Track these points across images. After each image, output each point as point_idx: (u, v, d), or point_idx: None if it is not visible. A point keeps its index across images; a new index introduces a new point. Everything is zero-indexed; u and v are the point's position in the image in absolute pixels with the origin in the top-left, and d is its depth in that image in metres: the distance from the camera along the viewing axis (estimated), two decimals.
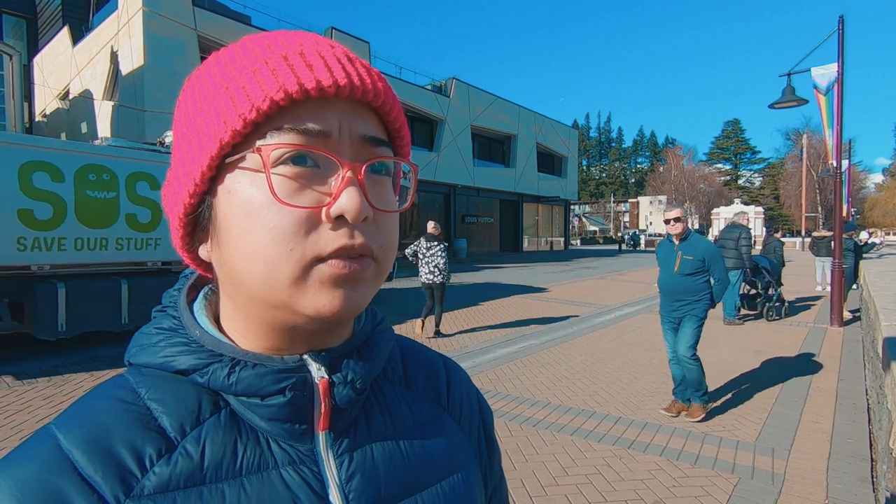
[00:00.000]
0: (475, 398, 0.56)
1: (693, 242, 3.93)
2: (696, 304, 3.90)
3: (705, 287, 3.91)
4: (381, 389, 0.48)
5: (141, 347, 0.42)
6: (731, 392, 4.54)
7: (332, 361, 0.42)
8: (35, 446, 0.36)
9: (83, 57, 16.90)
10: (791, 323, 7.91)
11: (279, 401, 0.39)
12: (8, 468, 0.34)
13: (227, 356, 0.40)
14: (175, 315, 0.43)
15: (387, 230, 0.40)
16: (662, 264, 4.08)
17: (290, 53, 0.37)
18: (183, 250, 0.43)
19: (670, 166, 68.58)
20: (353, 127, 0.38)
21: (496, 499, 0.56)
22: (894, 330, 3.07)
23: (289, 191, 0.36)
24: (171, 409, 0.38)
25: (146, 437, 0.37)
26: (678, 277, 3.92)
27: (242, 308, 0.40)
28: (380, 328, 0.48)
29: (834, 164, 8.11)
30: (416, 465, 0.45)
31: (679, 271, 3.91)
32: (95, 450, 0.35)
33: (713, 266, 3.87)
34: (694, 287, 3.89)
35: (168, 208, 0.42)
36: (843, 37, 7.39)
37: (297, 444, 0.41)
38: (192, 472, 0.37)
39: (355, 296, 0.38)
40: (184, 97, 0.41)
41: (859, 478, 2.98)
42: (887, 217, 46.51)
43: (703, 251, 3.87)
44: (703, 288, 3.90)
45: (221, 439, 0.39)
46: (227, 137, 0.35)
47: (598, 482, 2.93)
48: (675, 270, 3.93)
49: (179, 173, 0.39)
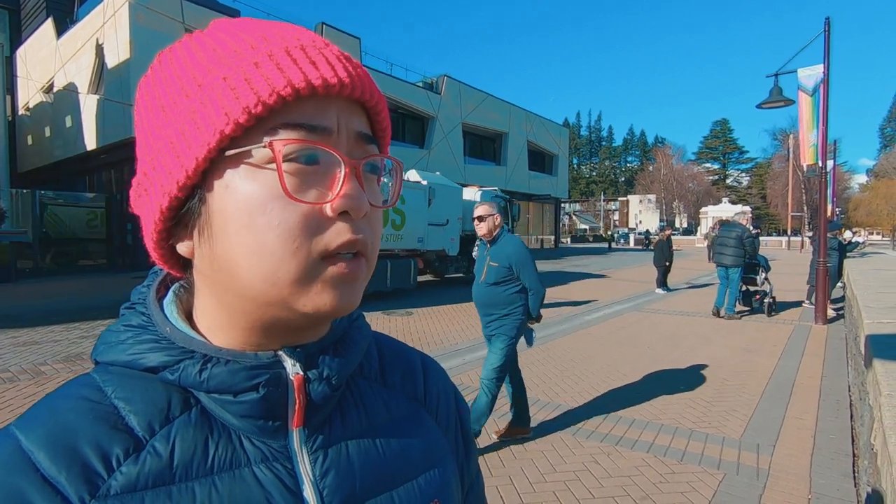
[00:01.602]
0: (452, 394, 0.56)
1: (501, 246, 3.30)
2: (504, 319, 3.28)
3: (517, 299, 3.28)
4: (357, 385, 0.47)
5: (108, 345, 0.41)
6: (717, 389, 4.59)
7: (307, 357, 0.41)
8: None
9: (68, 49, 16.61)
10: (776, 321, 8.02)
11: (252, 397, 0.38)
12: None
13: (199, 353, 0.39)
14: (144, 312, 0.42)
15: (375, 226, 0.41)
16: (477, 271, 3.46)
17: (291, 48, 0.36)
18: (156, 247, 0.41)
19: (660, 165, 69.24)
20: (350, 124, 0.38)
21: (473, 493, 0.56)
22: (876, 328, 3.12)
23: (295, 186, 0.35)
24: (139, 408, 0.37)
25: (113, 436, 0.36)
26: (484, 287, 3.33)
27: (228, 304, 0.39)
28: (356, 324, 0.48)
29: (816, 163, 8.23)
30: (392, 461, 0.45)
31: (485, 280, 3.31)
32: (59, 450, 0.34)
33: (522, 273, 3.25)
34: (502, 299, 3.28)
35: (144, 202, 0.40)
36: (828, 38, 7.48)
37: (270, 441, 0.40)
38: (161, 471, 0.36)
39: (352, 294, 0.39)
40: (159, 80, 0.38)
41: (842, 473, 3.02)
42: (870, 217, 47.30)
43: (510, 256, 3.24)
44: (512, 300, 3.28)
45: (192, 437, 0.38)
46: (229, 130, 0.34)
47: (585, 479, 2.94)
48: (482, 279, 3.34)
49: (163, 165, 0.37)
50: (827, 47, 7.48)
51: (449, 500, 0.47)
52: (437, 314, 8.37)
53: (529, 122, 29.79)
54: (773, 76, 8.13)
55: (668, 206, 68.61)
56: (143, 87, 0.40)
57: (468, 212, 11.57)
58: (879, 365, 2.25)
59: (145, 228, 0.40)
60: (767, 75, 8.24)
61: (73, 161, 16.92)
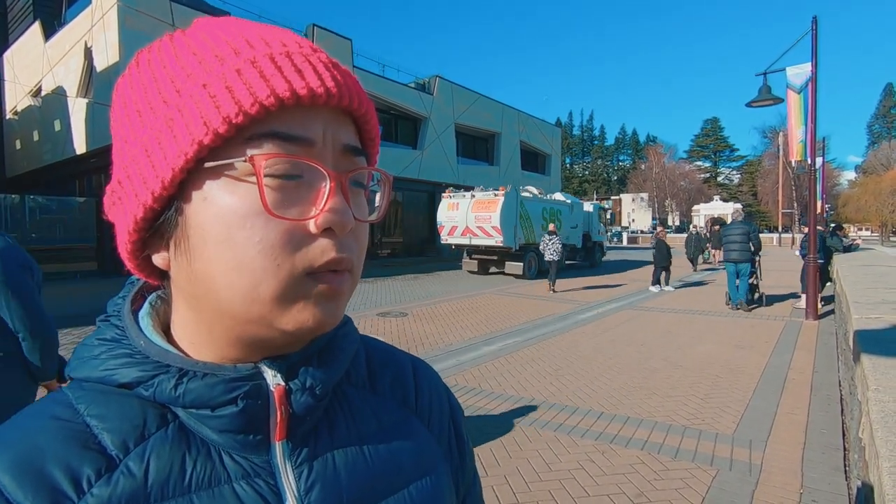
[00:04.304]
0: (445, 398, 0.55)
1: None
2: None
3: None
4: (345, 394, 0.46)
5: (81, 360, 0.40)
6: (710, 386, 4.62)
7: (289, 367, 0.40)
8: None
9: (56, 53, 16.44)
10: (768, 317, 8.09)
11: (231, 411, 0.37)
12: None
13: (175, 367, 0.37)
14: (119, 325, 0.41)
15: (361, 240, 0.39)
16: None
17: (276, 54, 0.35)
18: (130, 257, 0.39)
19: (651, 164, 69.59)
20: (337, 136, 0.37)
21: (471, 497, 0.54)
22: (864, 323, 3.16)
23: (276, 201, 0.34)
24: (112, 426, 0.36)
25: (84, 456, 0.34)
26: None
27: (207, 320, 0.38)
28: (343, 330, 0.46)
29: (805, 160, 8.33)
30: (381, 472, 0.43)
31: None
32: (25, 473, 0.33)
33: None
34: None
35: (119, 211, 0.38)
36: (816, 37, 7.57)
37: (251, 457, 0.39)
38: (134, 492, 0.34)
39: (335, 311, 0.37)
40: (136, 82, 0.37)
41: (833, 467, 3.06)
42: (859, 213, 47.81)
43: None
44: None
45: (168, 455, 0.36)
46: (208, 140, 0.33)
47: (580, 477, 2.96)
48: None
49: (138, 173, 0.35)
50: (814, 46, 7.56)
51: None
52: (431, 316, 8.37)
53: (522, 122, 29.83)
54: (762, 75, 8.22)
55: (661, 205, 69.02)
56: (120, 89, 0.38)
57: (586, 217, 17.88)
58: (867, 360, 2.28)
59: (119, 237, 0.39)
60: (756, 74, 8.33)
61: (63, 165, 16.74)
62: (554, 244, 11.40)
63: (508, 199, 13.54)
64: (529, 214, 14.34)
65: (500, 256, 14.30)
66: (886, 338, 2.69)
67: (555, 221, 14.26)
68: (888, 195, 42.57)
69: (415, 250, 23.29)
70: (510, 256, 14.07)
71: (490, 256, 14.62)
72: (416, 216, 23.95)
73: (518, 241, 13.76)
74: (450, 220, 14.67)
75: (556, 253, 11.34)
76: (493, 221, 13.42)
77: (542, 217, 14.76)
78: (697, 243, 17.45)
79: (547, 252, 11.45)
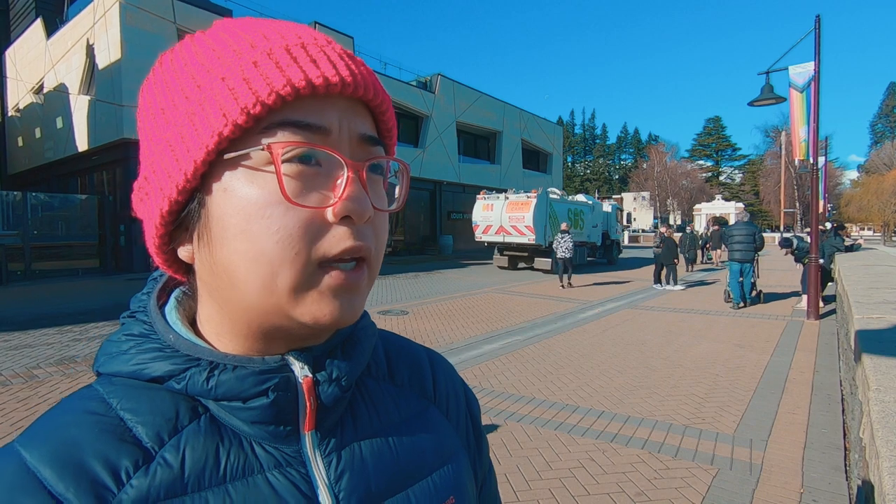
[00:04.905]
0: (461, 389, 0.56)
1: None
2: None
3: None
4: (366, 386, 0.47)
5: (110, 356, 0.40)
6: (710, 385, 4.62)
7: (315, 359, 0.41)
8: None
9: (58, 50, 16.45)
10: (769, 316, 8.08)
11: (262, 402, 0.38)
12: None
13: (205, 360, 0.38)
14: (146, 320, 0.42)
15: (381, 230, 0.40)
16: None
17: (291, 46, 0.35)
18: (158, 251, 0.40)
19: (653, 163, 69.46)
20: (353, 125, 0.37)
21: (486, 488, 0.56)
22: (866, 323, 3.15)
23: (295, 190, 0.35)
24: (146, 419, 0.37)
25: (121, 449, 0.35)
26: None
27: (229, 312, 0.38)
28: (362, 324, 0.47)
29: (807, 159, 8.30)
30: (406, 460, 0.44)
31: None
32: (66, 466, 0.33)
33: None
34: None
35: (145, 206, 0.39)
36: (819, 36, 7.54)
37: (282, 447, 0.40)
38: (172, 482, 0.35)
39: (353, 305, 0.38)
40: (160, 82, 0.38)
41: (833, 467, 3.06)
42: (861, 212, 47.66)
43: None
44: None
45: (202, 446, 0.37)
46: (227, 132, 0.34)
47: (581, 476, 2.96)
48: None
49: (163, 168, 0.36)
50: (818, 45, 7.53)
51: (464, 496, 0.47)
52: (432, 314, 8.37)
53: (523, 121, 29.80)
54: (765, 74, 8.19)
55: (662, 204, 68.92)
56: (145, 91, 0.39)
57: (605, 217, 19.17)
58: (868, 360, 2.28)
59: (147, 232, 0.40)
60: (759, 73, 8.31)
61: (65, 162, 16.77)
62: (566, 242, 11.97)
63: (540, 201, 14.86)
64: (557, 214, 15.57)
65: (531, 253, 15.52)
66: (888, 338, 2.69)
67: (578, 221, 16.40)
68: (890, 195, 42.41)
69: (415, 248, 23.30)
70: (539, 253, 15.34)
71: (521, 253, 15.90)
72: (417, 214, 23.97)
73: (548, 238, 14.88)
74: (485, 220, 15.90)
75: (567, 251, 11.90)
76: (526, 221, 14.76)
77: (568, 217, 15.84)
78: (692, 244, 17.48)
79: (559, 250, 12.04)
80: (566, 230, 12.38)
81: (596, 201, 19.12)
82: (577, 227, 16.48)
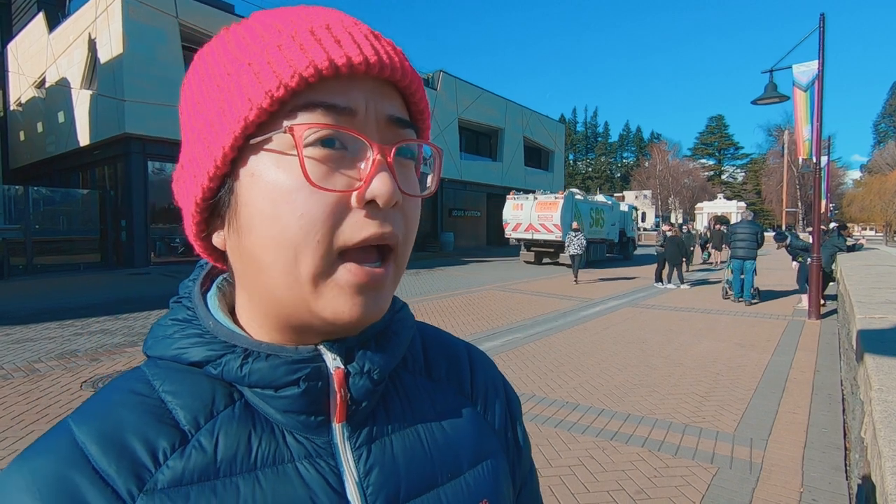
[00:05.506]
0: (501, 386, 0.54)
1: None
2: None
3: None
4: (401, 379, 0.46)
5: (156, 339, 0.41)
6: (711, 384, 4.62)
7: (347, 351, 0.40)
8: (52, 440, 0.35)
9: (60, 44, 16.43)
10: (770, 316, 8.08)
11: (293, 392, 0.38)
12: (26, 462, 0.34)
13: (240, 347, 0.39)
14: (190, 306, 0.42)
15: (411, 217, 0.39)
16: None
17: (316, 27, 0.35)
18: (196, 238, 0.41)
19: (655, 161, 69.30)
20: (380, 107, 0.36)
21: (527, 489, 0.53)
22: (867, 322, 3.14)
23: (319, 174, 0.34)
24: (185, 402, 0.38)
25: (160, 430, 0.36)
26: None
27: (258, 301, 0.39)
28: (399, 315, 0.46)
29: (810, 159, 8.28)
30: (438, 459, 0.43)
31: None
32: (109, 443, 0.35)
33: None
34: None
35: (182, 194, 0.40)
36: (823, 35, 7.50)
37: (313, 437, 0.39)
38: (205, 466, 0.36)
39: (376, 303, 0.37)
40: (195, 74, 0.38)
41: (833, 466, 3.06)
42: (864, 212, 47.54)
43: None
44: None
45: (235, 432, 0.37)
46: (253, 116, 0.33)
47: (581, 473, 2.96)
48: None
49: (196, 156, 0.37)
50: (821, 44, 7.50)
51: (499, 499, 0.45)
52: (432, 311, 8.37)
53: (525, 118, 29.75)
54: (769, 72, 8.15)
55: (664, 202, 68.84)
56: (183, 87, 0.40)
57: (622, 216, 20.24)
58: (870, 359, 2.27)
59: (185, 220, 0.40)
60: (762, 71, 8.27)
61: (66, 157, 16.78)
62: (578, 239, 12.58)
63: (567, 201, 16.12)
64: (581, 213, 16.62)
65: (556, 249, 16.60)
66: (890, 338, 2.68)
67: (599, 219, 17.87)
68: (893, 195, 42.26)
69: (416, 245, 23.29)
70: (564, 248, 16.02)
71: (547, 249, 17.14)
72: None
73: None
74: (514, 219, 17.22)
75: (579, 248, 12.52)
76: (554, 220, 15.96)
77: (591, 216, 17.20)
78: (688, 243, 17.49)
79: (571, 247, 12.61)
80: (578, 229, 13.01)
81: (615, 201, 20.12)
82: (598, 224, 17.74)
